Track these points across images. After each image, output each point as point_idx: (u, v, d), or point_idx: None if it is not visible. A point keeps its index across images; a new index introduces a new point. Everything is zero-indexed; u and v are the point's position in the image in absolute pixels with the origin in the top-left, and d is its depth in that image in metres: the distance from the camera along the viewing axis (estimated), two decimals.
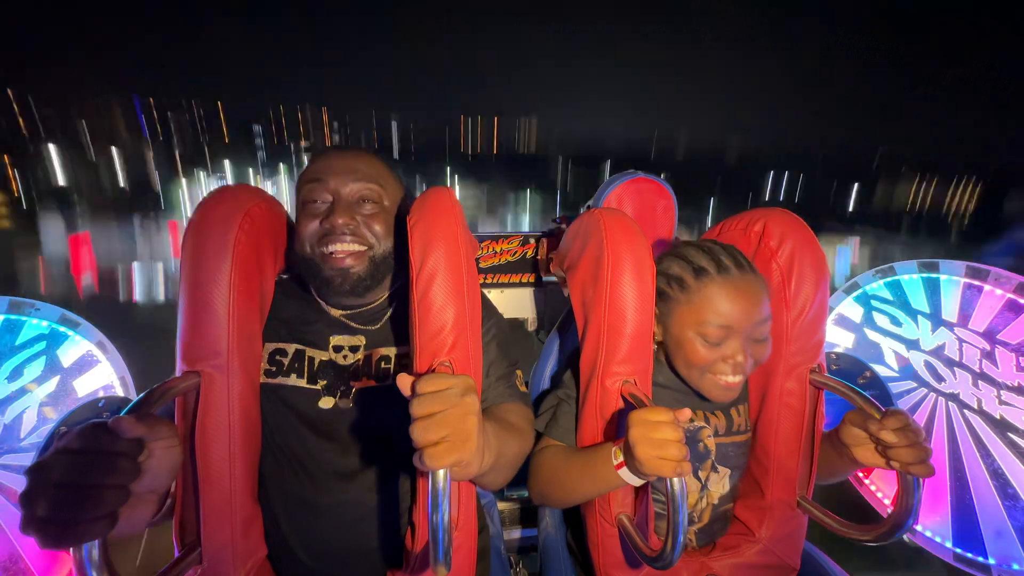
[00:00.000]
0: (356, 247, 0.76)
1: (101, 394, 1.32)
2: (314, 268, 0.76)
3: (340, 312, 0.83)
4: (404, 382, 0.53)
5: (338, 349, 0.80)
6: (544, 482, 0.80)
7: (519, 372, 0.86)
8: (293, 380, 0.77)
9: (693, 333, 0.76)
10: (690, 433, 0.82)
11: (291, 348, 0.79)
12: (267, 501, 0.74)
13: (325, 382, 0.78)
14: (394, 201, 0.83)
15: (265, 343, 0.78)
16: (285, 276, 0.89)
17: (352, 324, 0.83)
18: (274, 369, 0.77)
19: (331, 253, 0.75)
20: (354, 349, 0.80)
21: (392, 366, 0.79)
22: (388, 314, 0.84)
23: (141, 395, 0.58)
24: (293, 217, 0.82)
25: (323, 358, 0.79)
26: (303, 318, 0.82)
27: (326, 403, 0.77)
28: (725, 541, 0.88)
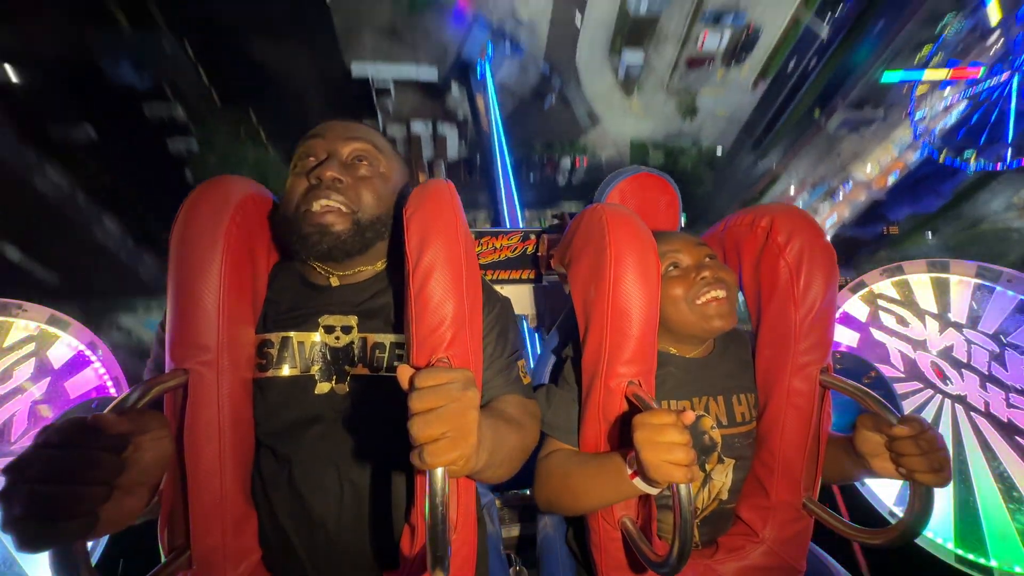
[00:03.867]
0: (340, 206, 0.72)
1: (94, 395, 1.31)
2: (294, 226, 0.72)
3: (324, 269, 0.80)
4: (404, 374, 0.52)
5: (329, 330, 0.76)
6: (553, 491, 0.78)
7: (520, 363, 0.83)
8: (286, 371, 0.73)
9: (664, 281, 0.81)
10: (692, 426, 0.80)
11: (276, 338, 0.74)
12: (265, 500, 0.72)
13: (319, 367, 0.74)
14: (391, 171, 0.81)
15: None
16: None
17: (342, 302, 0.79)
18: (264, 362, 0.74)
19: (313, 210, 0.71)
20: (346, 330, 0.76)
21: (387, 355, 0.76)
22: (381, 299, 0.80)
23: (126, 392, 0.57)
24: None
25: (314, 339, 0.75)
26: (290, 303, 0.79)
27: (322, 388, 0.73)
28: (729, 542, 0.87)
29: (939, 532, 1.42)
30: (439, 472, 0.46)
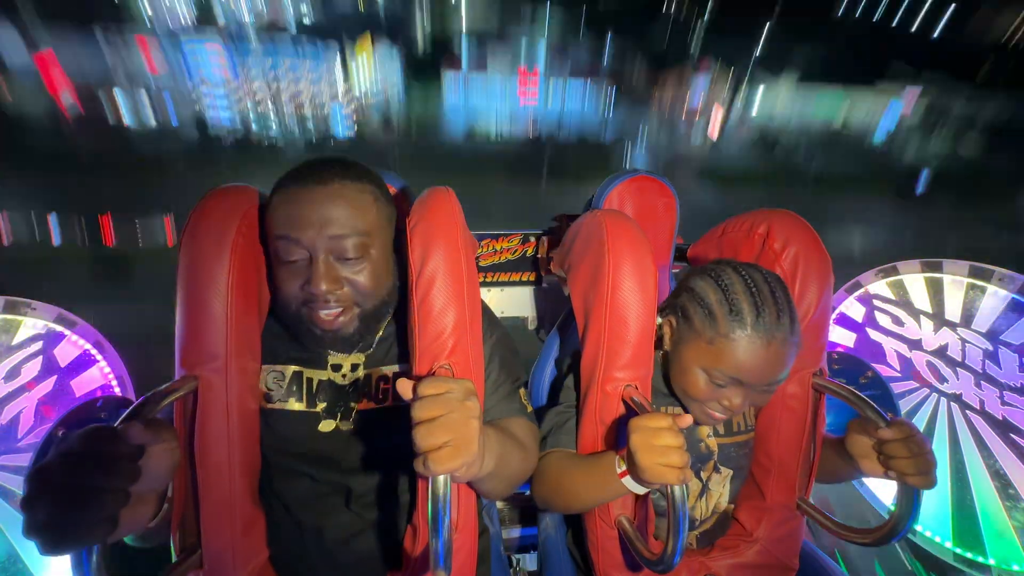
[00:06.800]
0: (343, 307, 0.69)
1: (99, 394, 1.32)
2: (302, 326, 0.71)
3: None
4: (404, 387, 0.53)
5: (337, 368, 0.77)
6: (548, 489, 0.79)
7: (522, 391, 0.84)
8: (292, 404, 0.75)
9: (700, 369, 0.73)
10: (687, 433, 0.81)
11: (288, 370, 0.76)
12: (273, 506, 0.74)
13: (324, 404, 0.76)
14: (384, 241, 0.73)
15: (262, 365, 0.76)
16: None
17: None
18: (272, 393, 0.75)
19: (318, 318, 0.69)
20: (354, 367, 0.77)
21: (392, 386, 0.77)
22: (386, 332, 0.81)
23: (139, 400, 0.58)
24: None
25: (321, 378, 0.76)
26: (299, 340, 0.78)
27: (326, 426, 0.75)
28: (724, 541, 0.88)
29: (937, 531, 1.43)
30: (441, 478, 0.48)
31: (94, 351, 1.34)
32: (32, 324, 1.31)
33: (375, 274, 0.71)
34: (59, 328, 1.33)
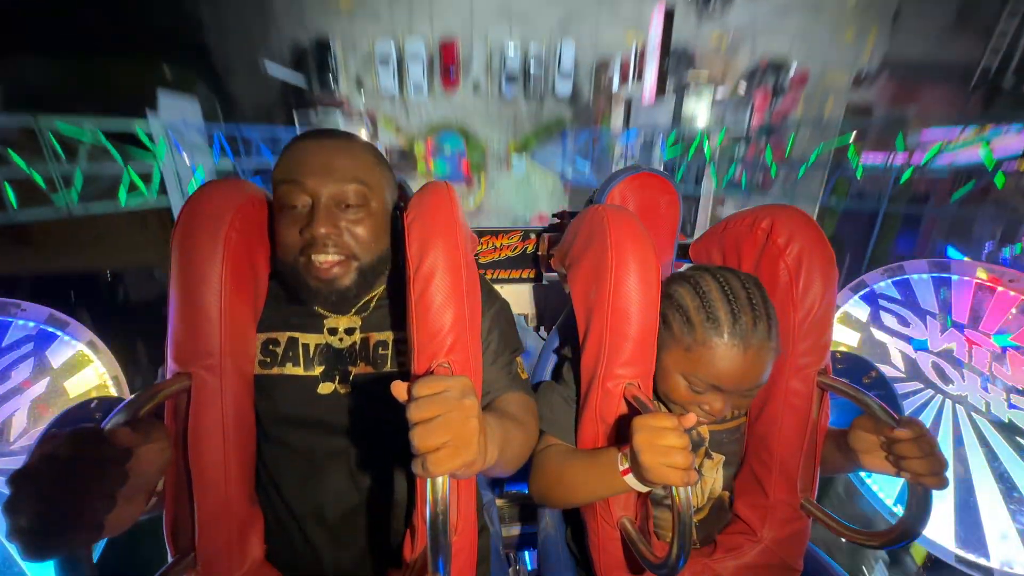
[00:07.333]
0: (340, 256, 0.71)
1: (93, 394, 1.31)
2: (299, 277, 0.72)
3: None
4: (399, 390, 0.52)
5: (333, 331, 0.77)
6: (547, 484, 0.79)
7: (519, 360, 0.85)
8: (289, 369, 0.75)
9: (680, 375, 0.74)
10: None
11: (283, 337, 0.76)
12: (274, 492, 0.74)
13: (323, 367, 0.76)
14: (383, 199, 0.77)
15: (257, 333, 0.76)
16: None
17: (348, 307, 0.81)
18: (268, 360, 0.75)
19: (316, 264, 0.70)
20: (349, 331, 0.78)
21: (390, 352, 0.78)
22: (384, 299, 0.82)
23: (129, 398, 0.57)
24: None
25: (318, 341, 0.77)
26: (296, 304, 0.80)
27: (325, 389, 0.75)
28: (727, 541, 0.87)
29: (939, 532, 1.42)
30: (440, 479, 0.47)
31: (87, 351, 1.33)
32: (23, 325, 1.29)
33: (374, 228, 0.74)
34: (50, 329, 1.31)
